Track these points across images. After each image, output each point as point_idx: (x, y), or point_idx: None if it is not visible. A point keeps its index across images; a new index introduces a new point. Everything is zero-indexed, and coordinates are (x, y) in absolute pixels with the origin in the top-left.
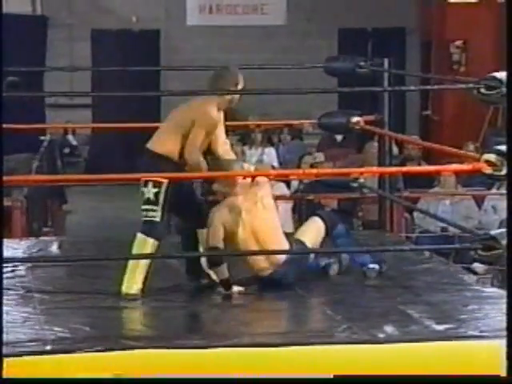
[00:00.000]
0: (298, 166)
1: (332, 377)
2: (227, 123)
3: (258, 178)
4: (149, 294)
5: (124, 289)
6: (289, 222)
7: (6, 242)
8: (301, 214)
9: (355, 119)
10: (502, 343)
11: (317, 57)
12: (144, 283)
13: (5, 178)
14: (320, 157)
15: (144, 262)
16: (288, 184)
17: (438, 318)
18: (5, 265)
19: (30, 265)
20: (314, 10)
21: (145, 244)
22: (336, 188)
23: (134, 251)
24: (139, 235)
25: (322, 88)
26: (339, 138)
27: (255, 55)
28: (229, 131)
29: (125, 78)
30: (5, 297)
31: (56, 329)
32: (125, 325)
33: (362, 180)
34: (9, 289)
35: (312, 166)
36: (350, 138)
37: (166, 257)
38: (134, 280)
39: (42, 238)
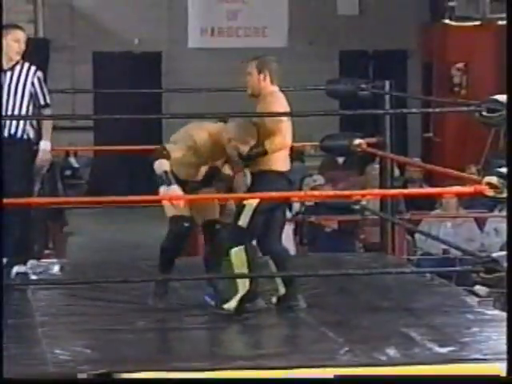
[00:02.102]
0: (300, 189)
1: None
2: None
3: None
4: (148, 315)
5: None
6: (290, 244)
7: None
8: (302, 237)
9: (357, 141)
10: (503, 366)
11: (318, 79)
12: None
13: (5, 200)
14: (320, 179)
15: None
16: (289, 206)
17: (441, 341)
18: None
19: (31, 287)
20: (315, 33)
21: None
22: (337, 210)
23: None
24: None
25: (323, 110)
26: (341, 160)
27: None
28: None
29: (127, 101)
30: (7, 319)
31: (57, 351)
32: (126, 347)
33: (363, 202)
34: (10, 311)
35: (313, 189)
36: (351, 160)
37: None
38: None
39: (42, 260)
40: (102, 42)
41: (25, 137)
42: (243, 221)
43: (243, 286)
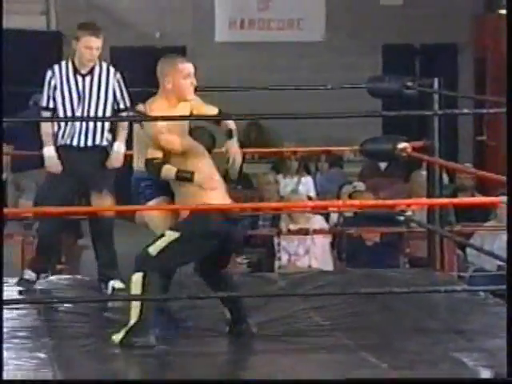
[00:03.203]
0: (338, 197)
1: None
2: (260, 150)
3: None
4: (168, 340)
5: None
6: (328, 258)
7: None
8: (341, 250)
9: (401, 145)
10: None
11: (359, 76)
12: None
13: (15, 209)
14: (361, 186)
15: None
16: (326, 217)
17: (495, 367)
18: (15, 306)
19: (42, 306)
20: (355, 25)
21: None
22: (380, 221)
23: None
24: None
25: (364, 111)
26: (383, 165)
27: (290, 74)
28: (261, 158)
29: (147, 99)
30: (16, 340)
31: (69, 373)
32: (139, 371)
33: (408, 213)
34: (19, 331)
35: (352, 196)
36: (395, 166)
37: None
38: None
39: (55, 276)
40: (120, 35)
41: (104, 143)
42: (154, 249)
43: (135, 314)
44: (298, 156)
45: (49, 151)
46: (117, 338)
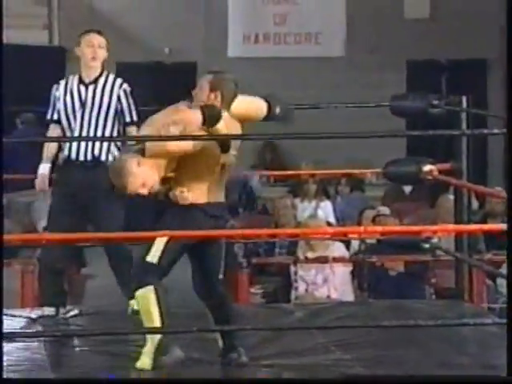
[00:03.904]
0: (359, 223)
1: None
2: (276, 172)
3: None
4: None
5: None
6: (348, 289)
7: (16, 312)
8: (362, 280)
9: (427, 168)
10: None
11: (382, 94)
12: None
13: (14, 236)
14: (384, 211)
15: None
16: (347, 244)
17: None
18: (16, 339)
19: (43, 339)
20: (377, 39)
21: None
22: (404, 249)
23: None
24: None
25: (387, 131)
26: (408, 189)
27: (309, 92)
28: (278, 181)
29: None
30: (16, 374)
31: None
32: None
33: (435, 240)
34: (20, 365)
35: (375, 220)
36: (420, 190)
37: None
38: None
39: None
40: (127, 51)
41: (110, 158)
42: (152, 256)
43: (153, 337)
44: (316, 179)
45: (42, 168)
46: (144, 363)
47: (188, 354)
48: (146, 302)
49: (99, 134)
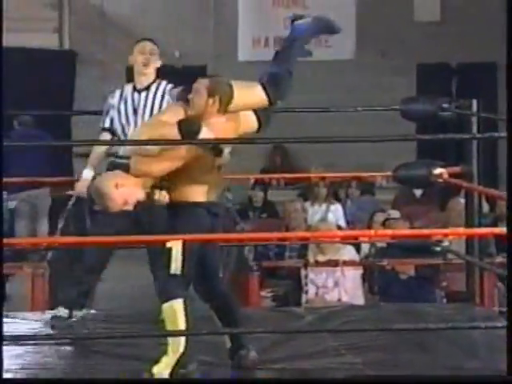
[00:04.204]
0: (369, 226)
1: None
2: (286, 175)
3: None
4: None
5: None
6: (358, 292)
7: (26, 315)
8: (372, 283)
9: (438, 171)
10: None
11: (392, 97)
12: None
13: (25, 239)
14: (395, 214)
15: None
16: (357, 247)
17: None
18: (26, 342)
19: (53, 342)
20: (387, 43)
21: None
22: (414, 252)
23: None
24: None
25: (397, 135)
26: (418, 193)
27: (318, 95)
28: (288, 185)
29: None
30: (26, 378)
31: None
32: None
33: (445, 243)
34: (31, 369)
35: (385, 224)
36: (431, 194)
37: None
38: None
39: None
40: None
41: None
42: (175, 266)
43: (176, 347)
44: (326, 182)
45: (85, 173)
46: (160, 370)
47: (197, 357)
48: (173, 314)
49: None
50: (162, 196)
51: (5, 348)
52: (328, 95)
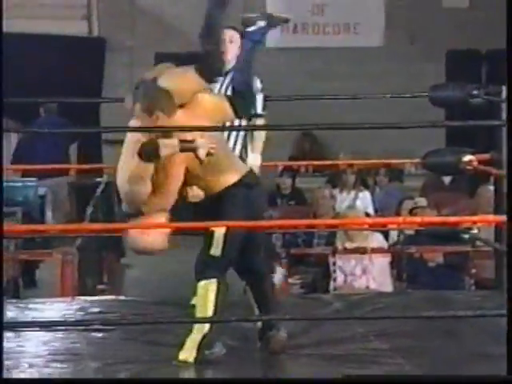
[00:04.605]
0: (398, 213)
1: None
2: (314, 162)
3: None
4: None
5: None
6: (386, 279)
7: (55, 301)
8: (400, 271)
9: (467, 158)
10: None
11: (421, 84)
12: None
13: (54, 226)
14: (423, 202)
15: None
16: (386, 234)
17: None
18: (54, 327)
19: (82, 328)
20: (418, 30)
21: None
22: (443, 240)
23: None
24: None
25: (426, 121)
26: (447, 180)
27: (347, 82)
28: (316, 172)
29: None
30: (55, 364)
31: None
32: None
33: (474, 230)
34: (60, 355)
35: (412, 212)
36: (460, 181)
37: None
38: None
39: (96, 297)
40: (166, 41)
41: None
42: (215, 249)
43: (201, 328)
44: (355, 169)
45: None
46: (188, 357)
47: (226, 343)
48: (205, 293)
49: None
50: (196, 192)
51: (34, 334)
52: (357, 82)
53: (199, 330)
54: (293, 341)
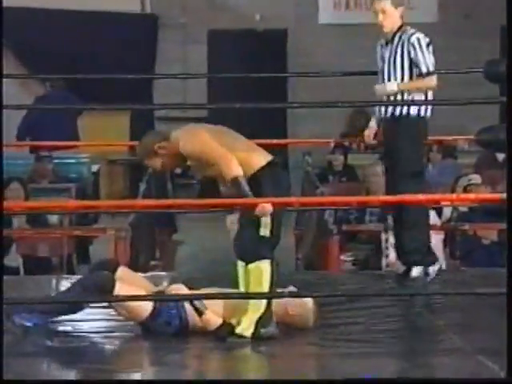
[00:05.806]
0: (452, 190)
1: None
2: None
3: None
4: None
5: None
6: (440, 256)
7: None
8: (454, 249)
9: None
10: None
11: (476, 60)
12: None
13: (108, 202)
14: (476, 179)
15: None
16: (439, 211)
17: None
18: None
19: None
20: (472, 5)
21: None
22: (497, 217)
23: None
24: None
25: (481, 97)
26: (501, 156)
27: None
28: (368, 149)
29: (246, 87)
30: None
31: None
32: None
33: None
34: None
35: (466, 189)
36: None
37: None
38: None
39: (149, 273)
40: (219, 18)
41: (404, 113)
42: (265, 230)
43: (257, 307)
44: None
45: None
46: (245, 331)
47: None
48: (259, 273)
49: (395, 87)
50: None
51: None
52: None
53: (255, 311)
54: (346, 317)
